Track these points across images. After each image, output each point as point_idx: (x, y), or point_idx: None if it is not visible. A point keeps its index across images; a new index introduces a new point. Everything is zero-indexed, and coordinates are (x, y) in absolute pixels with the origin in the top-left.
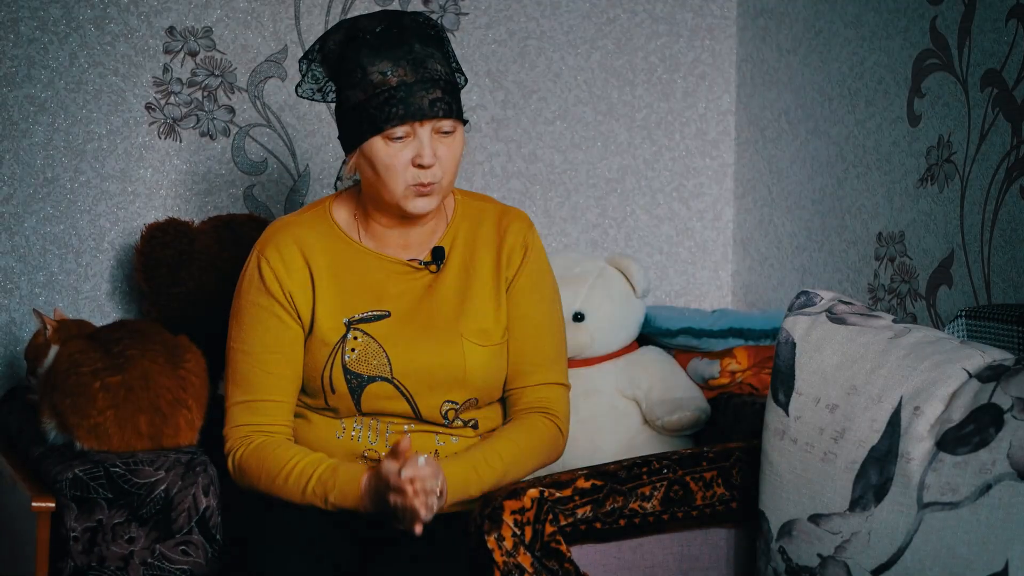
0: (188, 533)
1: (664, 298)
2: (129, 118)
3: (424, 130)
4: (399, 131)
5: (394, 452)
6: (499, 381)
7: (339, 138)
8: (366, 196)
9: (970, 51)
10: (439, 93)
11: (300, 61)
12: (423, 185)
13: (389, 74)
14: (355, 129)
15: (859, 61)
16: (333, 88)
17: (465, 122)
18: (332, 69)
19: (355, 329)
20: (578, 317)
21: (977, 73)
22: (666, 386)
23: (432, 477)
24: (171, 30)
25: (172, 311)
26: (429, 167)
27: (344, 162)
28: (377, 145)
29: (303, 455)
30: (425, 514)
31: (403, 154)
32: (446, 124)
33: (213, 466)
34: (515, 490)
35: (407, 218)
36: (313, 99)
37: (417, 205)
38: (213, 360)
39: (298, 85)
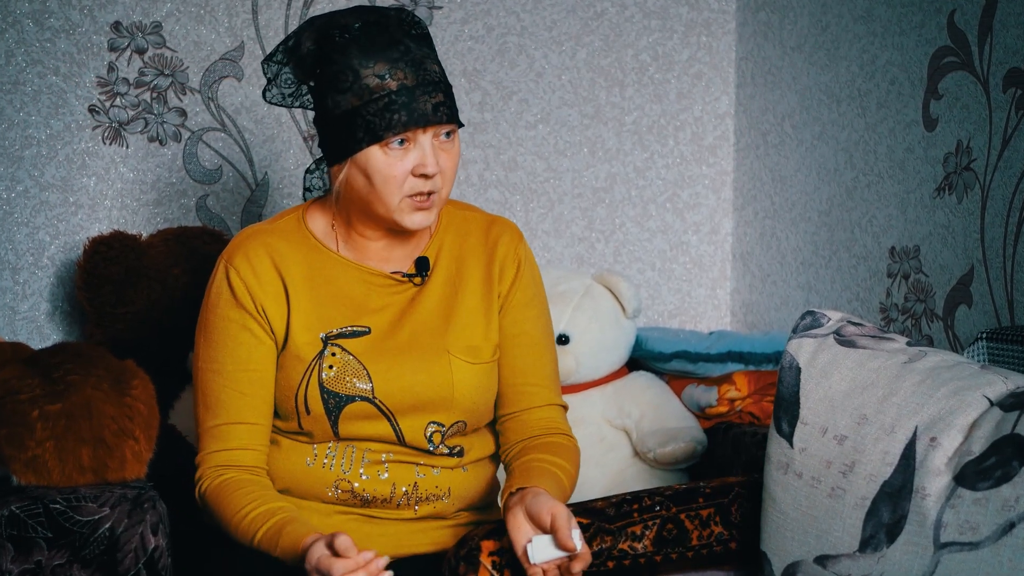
0: None
1: (657, 319)
2: (71, 122)
3: (426, 136)
4: (399, 139)
5: (333, 548)
6: (489, 404)
7: (321, 146)
8: (351, 206)
9: (991, 48)
10: (441, 97)
11: (265, 63)
12: (423, 196)
13: (387, 77)
14: (347, 138)
15: (870, 60)
16: (304, 92)
17: (461, 126)
18: (308, 72)
19: (333, 345)
20: (562, 339)
21: (999, 72)
22: (658, 415)
23: None
24: (117, 25)
25: (118, 333)
26: (433, 176)
27: (311, 171)
28: (375, 154)
29: (259, 504)
30: None
31: (403, 163)
32: (446, 129)
33: (162, 502)
34: (494, 529)
35: (398, 231)
36: (283, 105)
37: (415, 220)
38: (163, 387)
39: (265, 90)
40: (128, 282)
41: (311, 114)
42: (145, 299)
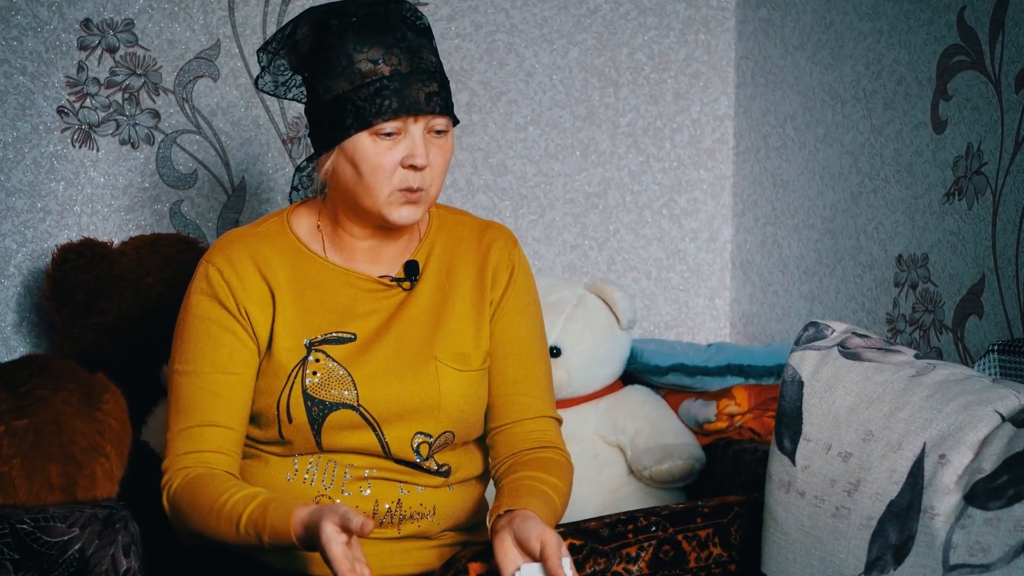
0: None
1: (652, 330)
2: (39, 124)
3: (417, 127)
4: (389, 127)
5: (345, 523)
6: (478, 414)
7: (310, 137)
8: (338, 202)
9: (1003, 47)
10: (435, 87)
11: (259, 53)
12: (411, 191)
13: (381, 62)
14: (335, 124)
15: (876, 59)
16: (298, 83)
17: (456, 122)
18: (302, 60)
19: (316, 351)
20: (554, 352)
21: (1011, 72)
22: (655, 431)
23: None
24: (87, 23)
25: (88, 344)
26: (423, 168)
27: (301, 169)
28: (363, 142)
29: (236, 490)
30: None
31: (392, 153)
32: (440, 122)
33: (135, 522)
34: (481, 550)
35: (385, 228)
36: (274, 94)
37: (402, 215)
38: (135, 401)
39: (258, 78)
40: (99, 291)
41: (291, 116)
42: (117, 309)
